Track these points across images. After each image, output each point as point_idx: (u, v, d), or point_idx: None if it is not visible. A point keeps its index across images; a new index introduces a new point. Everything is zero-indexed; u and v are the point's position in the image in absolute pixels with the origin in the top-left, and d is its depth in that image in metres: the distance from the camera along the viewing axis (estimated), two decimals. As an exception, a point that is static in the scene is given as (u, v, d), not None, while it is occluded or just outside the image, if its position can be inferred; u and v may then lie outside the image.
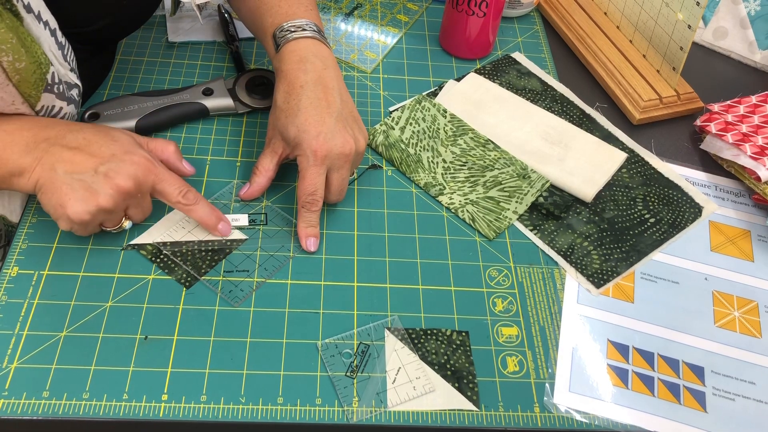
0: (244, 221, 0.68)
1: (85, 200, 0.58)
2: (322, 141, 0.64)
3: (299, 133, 0.65)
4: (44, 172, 0.59)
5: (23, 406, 0.55)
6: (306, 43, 0.69)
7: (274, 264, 0.66)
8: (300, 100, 0.66)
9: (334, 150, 0.65)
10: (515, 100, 0.83)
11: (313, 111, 0.65)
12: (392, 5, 0.97)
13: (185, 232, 0.67)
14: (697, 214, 0.75)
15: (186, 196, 0.63)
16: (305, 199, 0.66)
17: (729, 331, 0.67)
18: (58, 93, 0.64)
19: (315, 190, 0.65)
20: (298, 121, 0.65)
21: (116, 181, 0.59)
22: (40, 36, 0.61)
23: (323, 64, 0.68)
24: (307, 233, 0.67)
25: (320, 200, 0.66)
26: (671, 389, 0.62)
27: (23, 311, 0.60)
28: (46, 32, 0.62)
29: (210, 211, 0.65)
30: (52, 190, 0.59)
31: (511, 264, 0.69)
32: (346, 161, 0.66)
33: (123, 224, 0.64)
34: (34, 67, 0.59)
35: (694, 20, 0.78)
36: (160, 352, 0.59)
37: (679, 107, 0.85)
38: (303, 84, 0.67)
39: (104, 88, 0.80)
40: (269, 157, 0.69)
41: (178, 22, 0.89)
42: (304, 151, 0.65)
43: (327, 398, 0.58)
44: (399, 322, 0.63)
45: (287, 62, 0.68)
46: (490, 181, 0.74)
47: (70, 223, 0.60)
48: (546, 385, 0.61)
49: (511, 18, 0.97)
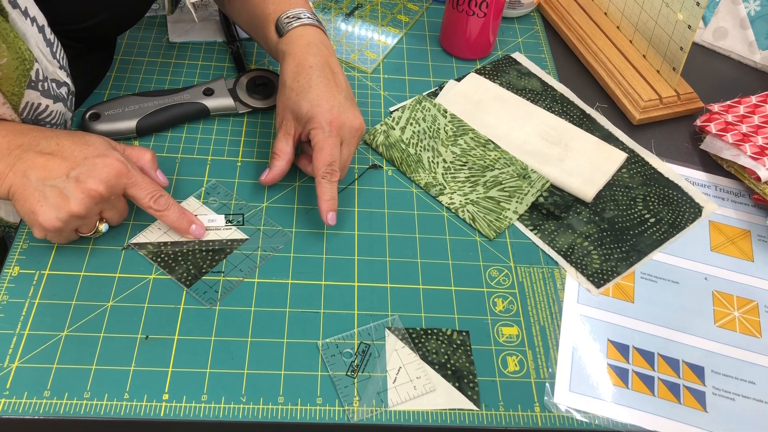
0: (221, 222, 0.69)
1: (57, 207, 0.58)
2: (336, 114, 0.66)
3: (312, 108, 0.66)
4: (17, 178, 0.59)
5: (24, 405, 0.55)
6: (312, 30, 0.71)
7: (250, 265, 0.66)
8: (311, 77, 0.67)
9: (347, 123, 0.67)
10: (515, 101, 0.83)
11: (324, 88, 0.67)
12: (393, 5, 0.98)
13: (186, 232, 0.67)
14: (697, 214, 0.76)
15: (157, 201, 0.63)
16: (325, 170, 0.66)
17: (729, 330, 0.67)
18: (43, 90, 0.63)
19: (334, 160, 0.66)
20: (311, 96, 0.67)
21: (87, 184, 0.59)
22: (26, 32, 0.60)
23: (329, 51, 0.71)
24: (329, 206, 0.67)
25: (338, 171, 0.67)
26: (671, 389, 0.62)
27: (24, 311, 0.61)
28: (33, 28, 0.61)
29: (180, 215, 0.65)
30: (25, 198, 0.58)
31: (511, 264, 0.69)
32: (355, 135, 0.68)
33: (99, 228, 0.64)
34: (17, 63, 0.59)
35: (694, 20, 0.78)
36: (161, 351, 0.59)
37: (679, 107, 0.85)
38: (312, 65, 0.68)
39: (105, 88, 0.80)
40: (284, 139, 0.70)
41: (179, 23, 0.89)
42: (320, 123, 0.66)
43: (328, 398, 0.58)
44: (399, 322, 0.63)
45: (295, 45, 0.70)
46: (491, 181, 0.74)
47: (43, 231, 0.60)
48: (546, 384, 0.61)
49: (511, 18, 0.97)
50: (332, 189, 0.67)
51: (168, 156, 0.74)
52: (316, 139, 0.66)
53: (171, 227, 0.66)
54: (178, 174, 0.73)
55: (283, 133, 0.70)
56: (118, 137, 0.74)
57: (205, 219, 0.68)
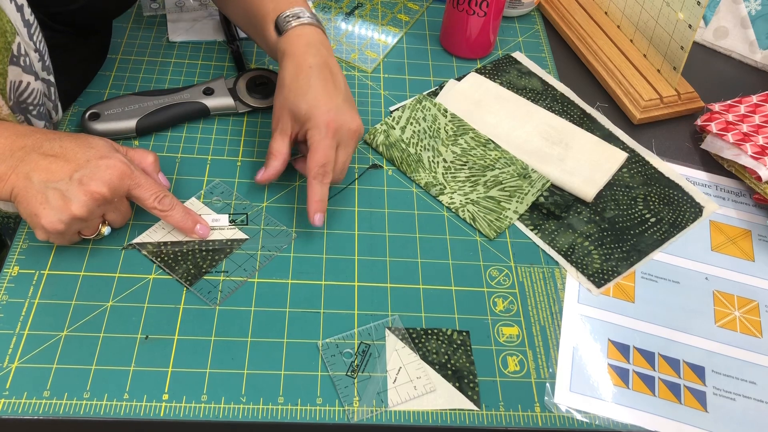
0: (224, 221, 0.68)
1: (59, 210, 0.58)
2: (334, 115, 0.66)
3: (310, 108, 0.66)
4: (19, 180, 0.58)
5: (24, 405, 0.55)
6: (312, 30, 0.71)
7: (252, 264, 0.66)
8: (310, 78, 0.67)
9: (345, 125, 0.66)
10: (516, 100, 0.83)
11: (323, 89, 0.67)
12: (393, 5, 0.97)
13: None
14: (697, 214, 0.75)
15: (162, 202, 0.63)
16: (317, 171, 0.66)
17: (729, 330, 0.67)
18: (25, 66, 0.62)
19: (327, 161, 0.66)
20: (309, 97, 0.66)
21: (90, 187, 0.58)
22: (4, 6, 0.59)
23: (328, 52, 0.71)
24: (316, 207, 0.66)
25: (331, 173, 0.66)
26: (672, 389, 0.62)
27: (24, 311, 0.60)
28: (12, 6, 0.60)
29: (185, 215, 0.65)
30: (27, 200, 0.58)
31: (511, 264, 0.69)
32: (352, 138, 0.67)
33: (101, 230, 0.64)
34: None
35: (695, 20, 0.78)
36: (161, 351, 0.59)
37: (680, 107, 0.85)
38: (312, 65, 0.68)
39: (104, 87, 0.80)
40: (280, 139, 0.69)
41: (179, 22, 0.89)
42: (317, 124, 0.66)
43: (328, 398, 0.58)
44: (400, 322, 0.63)
45: (295, 45, 0.69)
46: (491, 181, 0.74)
47: (45, 233, 0.60)
48: (547, 384, 0.61)
49: (511, 17, 0.97)
50: (322, 190, 0.66)
51: (168, 156, 0.74)
52: (312, 140, 0.66)
53: (176, 227, 0.65)
54: (178, 174, 0.73)
55: (279, 133, 0.69)
56: (118, 137, 0.74)
57: (208, 219, 0.68)
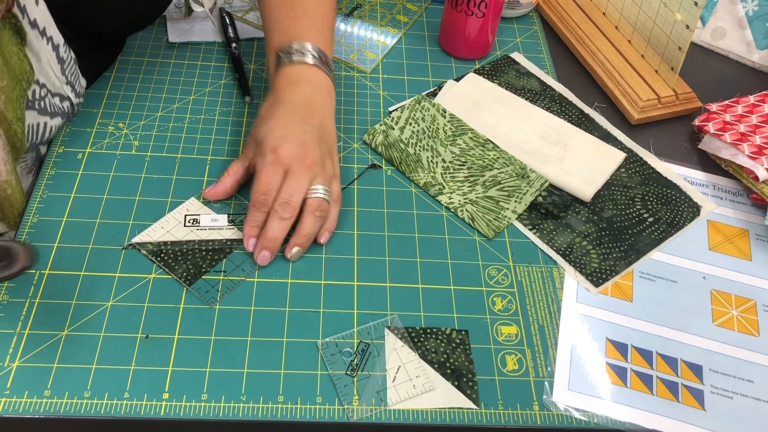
0: (223, 221, 0.69)
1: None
2: (284, 143, 0.65)
3: (265, 134, 0.66)
4: None
5: (25, 404, 0.55)
6: (303, 68, 0.70)
7: (252, 264, 0.66)
8: (279, 110, 0.68)
9: (293, 153, 0.65)
10: (514, 100, 0.83)
11: (285, 120, 0.67)
12: (392, 6, 0.98)
13: (187, 231, 0.67)
14: (695, 214, 0.76)
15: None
16: (257, 198, 0.65)
17: (727, 329, 0.67)
18: (40, 109, 0.64)
19: (268, 189, 0.64)
20: (268, 126, 0.67)
21: None
22: (40, 51, 0.61)
23: (314, 90, 0.70)
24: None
25: (272, 203, 0.64)
26: (670, 387, 0.62)
27: (24, 310, 0.61)
28: (48, 47, 0.62)
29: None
30: None
31: (510, 263, 0.70)
32: (301, 166, 0.65)
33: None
34: (14, 84, 0.59)
35: (693, 20, 0.78)
36: (161, 350, 0.60)
37: (678, 107, 0.85)
38: (287, 100, 0.68)
39: (104, 88, 0.80)
40: (240, 161, 0.70)
41: (178, 23, 0.89)
42: (264, 150, 0.65)
43: (327, 397, 0.58)
44: (399, 321, 0.64)
45: (279, 81, 0.70)
46: (490, 181, 0.75)
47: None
48: (545, 383, 0.61)
49: (510, 18, 0.97)
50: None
51: (168, 156, 0.74)
52: (257, 167, 0.66)
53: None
54: (178, 174, 0.73)
55: (242, 155, 0.71)
56: None
57: (208, 219, 0.68)
